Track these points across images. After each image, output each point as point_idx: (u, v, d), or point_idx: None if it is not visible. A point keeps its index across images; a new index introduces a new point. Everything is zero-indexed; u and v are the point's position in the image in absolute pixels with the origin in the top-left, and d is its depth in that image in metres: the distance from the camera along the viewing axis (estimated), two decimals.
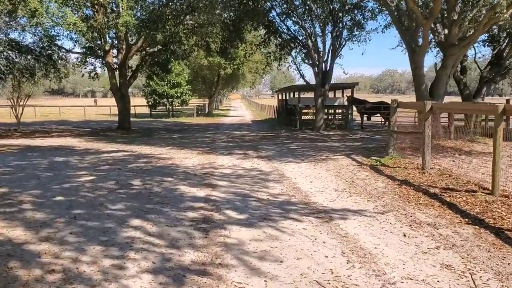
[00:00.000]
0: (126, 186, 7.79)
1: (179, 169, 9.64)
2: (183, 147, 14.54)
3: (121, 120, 24.47)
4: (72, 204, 6.42)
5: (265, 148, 14.42)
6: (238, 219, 5.64)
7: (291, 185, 7.83)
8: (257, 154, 12.55)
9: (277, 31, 22.72)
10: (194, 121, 36.06)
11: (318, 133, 21.05)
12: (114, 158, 11.75)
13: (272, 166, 10.13)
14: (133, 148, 14.31)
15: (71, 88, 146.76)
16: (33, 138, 19.51)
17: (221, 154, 12.52)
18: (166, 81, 38.37)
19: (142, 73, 29.33)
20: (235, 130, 25.17)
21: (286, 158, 11.51)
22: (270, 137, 19.26)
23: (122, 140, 18.17)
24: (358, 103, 24.25)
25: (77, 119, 37.75)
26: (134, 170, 9.61)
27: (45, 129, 26.07)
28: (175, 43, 25.03)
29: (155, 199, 6.78)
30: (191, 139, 18.75)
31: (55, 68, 25.90)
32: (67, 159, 11.79)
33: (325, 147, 14.20)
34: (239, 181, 8.23)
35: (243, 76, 48.83)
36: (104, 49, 23.46)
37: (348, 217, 5.76)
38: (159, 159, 11.39)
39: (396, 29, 15.87)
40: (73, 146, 15.53)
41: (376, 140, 16.94)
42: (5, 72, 25.90)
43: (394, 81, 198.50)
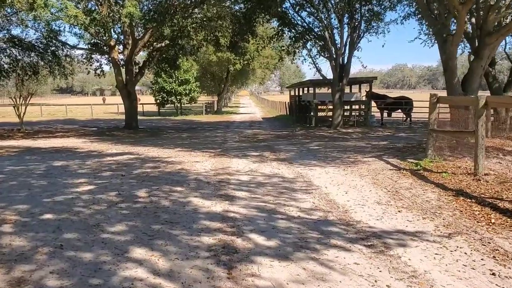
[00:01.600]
0: (129, 198, 6.62)
1: (190, 176, 8.46)
2: (193, 149, 13.37)
3: (128, 119, 23.37)
4: (61, 224, 5.26)
5: (283, 148, 13.20)
6: (267, 247, 4.44)
7: (323, 196, 6.60)
8: (275, 156, 11.33)
9: (291, 23, 21.43)
10: (203, 119, 34.92)
11: (336, 131, 19.78)
12: (118, 162, 10.61)
13: (295, 171, 8.91)
14: (140, 150, 13.16)
15: (80, 86, 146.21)
16: (35, 139, 18.48)
17: (235, 157, 11.33)
18: (174, 78, 37.24)
19: (149, 69, 28.22)
20: (247, 129, 23.99)
21: (308, 161, 10.28)
22: (285, 136, 18.05)
23: (128, 141, 17.06)
24: (377, 98, 22.92)
25: (84, 117, 36.80)
26: (139, 177, 8.44)
27: (50, 128, 25.08)
28: (184, 37, 23.86)
29: (163, 216, 5.60)
30: (201, 139, 17.60)
31: (59, 65, 24.92)
32: (67, 163, 10.67)
33: (350, 147, 12.94)
34: (260, 191, 7.03)
35: (253, 71, 47.55)
36: (109, 45, 22.35)
37: (407, 243, 4.53)
38: (167, 163, 10.21)
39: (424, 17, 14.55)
40: (76, 148, 14.44)
41: (402, 138, 15.64)
42: (8, 70, 25.01)
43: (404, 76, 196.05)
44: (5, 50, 24.49)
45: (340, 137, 16.83)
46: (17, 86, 25.22)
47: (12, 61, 24.61)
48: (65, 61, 25.55)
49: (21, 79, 24.84)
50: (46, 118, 36.21)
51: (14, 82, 25.56)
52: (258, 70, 47.19)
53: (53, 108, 48.97)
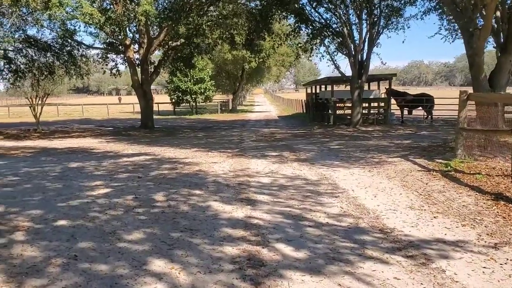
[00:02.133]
0: (146, 202, 6.32)
1: (208, 178, 8.14)
2: (210, 149, 13.07)
3: (143, 119, 23.19)
4: (76, 232, 4.97)
5: (302, 148, 12.82)
6: (296, 258, 4.08)
7: (351, 200, 6.21)
8: (295, 156, 10.96)
9: (308, 20, 20.99)
10: (218, 118, 34.66)
11: (355, 129, 19.31)
12: (134, 163, 10.35)
13: (318, 172, 8.53)
14: (156, 150, 12.90)
15: (96, 86, 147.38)
16: (51, 139, 18.39)
17: (253, 157, 10.99)
18: (189, 77, 37.05)
19: (164, 69, 28.05)
20: (263, 127, 23.65)
21: (331, 161, 9.89)
22: (303, 135, 17.65)
23: (144, 141, 16.85)
24: (398, 95, 22.35)
25: (100, 117, 36.84)
26: (156, 179, 8.15)
27: (66, 128, 25.07)
28: (199, 36, 23.60)
29: (182, 222, 5.28)
30: (217, 138, 17.30)
31: (75, 65, 24.90)
32: (83, 164, 10.45)
33: (372, 147, 12.50)
34: (284, 194, 6.67)
35: (268, 69, 47.15)
36: (124, 44, 22.18)
37: (449, 254, 4.13)
38: (184, 164, 9.92)
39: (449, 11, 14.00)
40: (92, 148, 14.26)
41: (425, 136, 15.13)
42: (24, 70, 25.05)
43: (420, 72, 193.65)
44: (21, 51, 24.54)
45: (361, 135, 16.37)
46: (33, 86, 25.27)
47: (28, 61, 24.67)
48: (80, 61, 25.55)
49: (37, 79, 24.88)
50: (63, 118, 36.36)
51: (30, 82, 25.62)
52: (274, 68, 46.78)
53: (70, 108, 49.26)
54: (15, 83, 25.60)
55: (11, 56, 24.54)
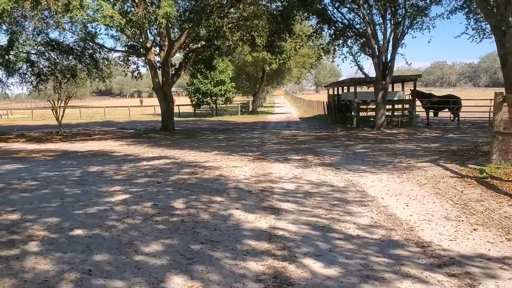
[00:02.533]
0: (165, 210, 6.06)
1: (229, 184, 7.84)
2: (230, 152, 12.79)
3: (164, 121, 23.12)
4: (92, 243, 4.72)
5: (326, 152, 12.44)
6: (326, 276, 3.74)
7: (381, 210, 5.83)
8: (319, 161, 10.60)
9: (331, 20, 20.57)
10: (238, 119, 34.44)
11: (380, 132, 18.81)
12: (154, 167, 10.14)
13: (345, 178, 8.16)
14: (176, 154, 12.69)
15: (118, 88, 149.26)
16: (73, 142, 18.42)
17: (275, 161, 10.66)
18: (210, 78, 36.97)
19: (185, 71, 27.95)
20: (284, 129, 23.31)
21: (357, 166, 9.49)
22: (326, 137, 17.25)
23: (165, 143, 16.70)
24: (423, 97, 21.72)
25: (122, 119, 37.02)
26: (176, 184, 7.90)
27: (88, 131, 25.16)
28: (219, 38, 23.42)
29: (203, 233, 4.99)
30: (238, 140, 17.04)
31: (97, 68, 25.02)
32: (102, 168, 10.29)
33: (399, 150, 12.04)
34: (309, 202, 6.33)
35: (289, 71, 46.75)
36: (145, 46, 22.15)
37: (497, 273, 3.74)
38: (204, 168, 9.65)
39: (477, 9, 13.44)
40: (112, 151, 14.14)
41: (454, 140, 14.58)
42: (46, 73, 25.25)
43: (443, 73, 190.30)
44: (43, 54, 24.75)
45: (386, 138, 15.89)
46: (55, 89, 25.47)
47: (51, 65, 24.86)
48: (102, 64, 25.65)
49: (60, 82, 25.06)
50: (85, 121, 36.66)
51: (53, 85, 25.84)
52: (294, 69, 46.36)
53: (92, 111, 49.73)
54: (38, 86, 25.88)
55: (33, 59, 24.80)
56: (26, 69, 24.86)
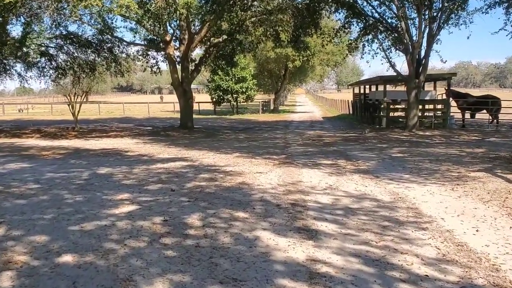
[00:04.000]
0: (177, 228, 4.99)
1: (254, 194, 6.73)
2: (253, 154, 11.69)
3: (183, 118, 22.14)
4: (80, 277, 3.67)
5: (359, 156, 11.23)
6: None
7: (446, 236, 4.64)
8: (353, 166, 9.42)
9: (361, 13, 19.25)
10: (260, 118, 33.31)
11: (412, 134, 17.47)
12: (168, 170, 9.10)
13: (389, 190, 6.97)
14: (194, 155, 11.65)
15: (139, 84, 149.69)
16: (88, 139, 17.59)
17: (304, 166, 9.52)
18: (231, 75, 35.91)
19: (205, 67, 26.96)
20: (308, 129, 22.11)
21: (399, 175, 8.28)
22: (355, 139, 16.01)
23: (182, 142, 15.71)
24: (459, 97, 20.24)
25: (141, 116, 36.33)
26: (192, 193, 6.83)
27: (105, 127, 24.40)
28: (242, 32, 22.34)
29: (223, 265, 3.90)
30: (260, 141, 15.93)
31: (116, 62, 24.28)
32: (112, 170, 9.32)
33: (441, 156, 10.75)
34: (353, 222, 5.17)
35: (312, 68, 45.33)
36: (164, 40, 21.20)
37: None
38: (225, 174, 8.56)
39: None
40: (126, 151, 13.20)
41: (498, 144, 13.21)
42: (65, 68, 24.62)
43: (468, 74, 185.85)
44: (62, 47, 24.11)
45: (421, 141, 14.58)
46: (73, 83, 24.87)
47: (70, 58, 24.24)
48: (121, 58, 24.89)
49: (78, 77, 24.44)
50: (104, 116, 36.09)
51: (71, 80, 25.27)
52: (318, 67, 44.94)
53: (112, 106, 49.32)
54: (57, 80, 25.30)
55: (52, 53, 24.20)
56: (45, 62, 24.37)
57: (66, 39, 23.23)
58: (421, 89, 19.17)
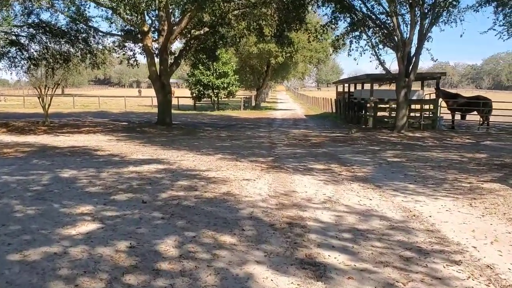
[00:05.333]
0: (146, 260, 3.93)
1: (241, 209, 5.69)
2: (237, 156, 10.66)
3: (161, 114, 20.90)
4: None
5: (352, 159, 10.30)
6: None
7: (489, 276, 3.69)
8: (349, 173, 8.46)
9: (350, 8, 18.32)
10: (241, 115, 32.25)
11: (402, 135, 16.69)
12: (141, 175, 7.98)
13: (396, 204, 6.01)
14: (171, 156, 10.54)
15: (117, 78, 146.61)
16: (57, 134, 16.28)
17: (295, 171, 8.53)
18: (212, 70, 34.71)
19: (186, 60, 25.74)
20: (292, 128, 21.20)
21: (402, 184, 7.35)
22: (343, 140, 15.14)
23: (159, 140, 14.58)
24: (449, 97, 19.56)
25: (117, 110, 34.86)
26: (167, 206, 5.76)
27: (78, 122, 23.01)
28: (224, 25, 21.23)
29: None
30: (244, 140, 14.91)
31: (91, 53, 22.92)
32: (77, 173, 8.17)
33: (442, 161, 9.89)
34: (366, 252, 4.18)
35: (295, 65, 44.41)
36: (142, 30, 19.93)
37: None
38: (207, 181, 7.48)
39: None
40: (97, 149, 11.99)
41: (496, 148, 12.47)
42: (38, 58, 23.19)
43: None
44: (34, 37, 22.66)
45: (414, 144, 13.76)
46: (47, 75, 23.44)
47: (42, 49, 22.82)
48: (96, 49, 23.56)
49: (52, 68, 23.05)
50: (78, 110, 34.53)
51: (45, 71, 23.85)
52: (301, 64, 44.06)
53: (87, 100, 47.55)
54: (29, 71, 23.84)
55: (23, 43, 22.71)
56: (16, 52, 22.89)
57: (38, 28, 21.82)
58: (411, 88, 18.39)
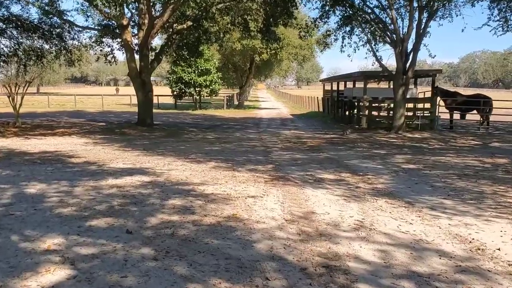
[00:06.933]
0: None
1: (256, 243, 4.43)
2: (232, 163, 9.40)
3: (141, 114, 19.46)
4: None
5: (361, 166, 9.15)
6: None
7: None
8: (366, 184, 7.29)
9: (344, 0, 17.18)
10: (225, 114, 30.93)
11: (400, 136, 15.69)
12: (124, 191, 6.65)
13: (446, 230, 4.83)
14: (157, 164, 9.21)
15: (94, 76, 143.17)
16: (29, 137, 14.78)
17: (304, 183, 7.31)
18: (194, 67, 33.23)
19: (167, 56, 24.31)
20: (281, 128, 20.05)
21: (436, 199, 6.20)
22: (340, 141, 14.06)
23: (141, 143, 13.23)
24: (447, 96, 18.64)
25: (94, 109, 33.13)
26: (160, 239, 4.47)
27: (52, 122, 21.40)
28: (208, 19, 19.94)
29: None
30: (234, 142, 13.67)
31: (66, 50, 21.38)
32: (46, 188, 6.82)
33: (465, 169, 8.79)
34: None
35: (279, 63, 43.18)
36: (121, 24, 18.48)
37: None
38: (205, 199, 6.19)
39: None
40: (71, 155, 10.57)
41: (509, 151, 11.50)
42: (8, 54, 21.54)
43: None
44: (4, 32, 20.97)
45: (419, 146, 12.72)
46: (18, 72, 21.81)
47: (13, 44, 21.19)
48: (72, 46, 22.05)
49: (24, 65, 21.44)
50: (53, 109, 32.69)
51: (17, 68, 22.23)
52: (284, 62, 42.87)
53: (63, 98, 45.54)
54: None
55: None
56: None
57: (8, 22, 20.20)
58: (408, 87, 17.41)
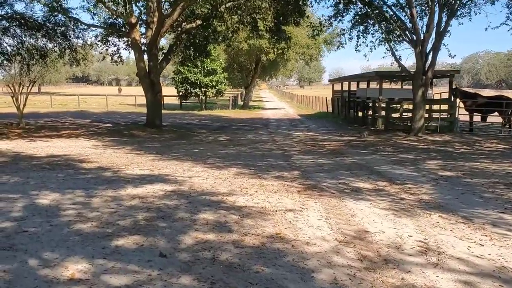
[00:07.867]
0: None
1: (315, 273, 3.80)
2: (254, 169, 8.80)
3: (150, 115, 18.86)
4: None
5: (395, 173, 8.53)
6: None
7: None
8: (409, 195, 6.66)
9: None
10: (231, 115, 30.31)
11: (421, 139, 15.09)
12: (147, 202, 6.03)
13: None
14: (176, 170, 8.58)
15: (96, 75, 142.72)
16: (34, 139, 14.22)
17: (341, 193, 6.69)
18: (200, 67, 32.62)
19: (174, 56, 23.71)
20: (292, 130, 19.50)
21: (492, 213, 5.58)
22: (361, 145, 13.47)
23: (153, 146, 12.65)
24: (467, 97, 18.02)
25: (98, 110, 32.57)
26: (200, 265, 3.86)
27: (57, 123, 20.85)
28: (217, 18, 19.37)
29: None
30: (248, 145, 13.09)
31: (70, 48, 20.80)
32: (61, 199, 6.21)
33: (508, 176, 8.20)
34: None
35: (285, 63, 42.52)
36: (129, 22, 17.87)
37: None
38: (239, 213, 5.55)
39: None
40: (82, 159, 9.98)
41: None
42: (11, 53, 20.98)
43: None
44: (8, 30, 20.43)
45: (446, 150, 12.10)
46: (21, 71, 21.23)
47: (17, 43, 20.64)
48: (76, 44, 21.47)
49: (27, 64, 20.88)
50: (57, 109, 32.12)
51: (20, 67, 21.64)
52: (292, 61, 42.19)
53: (66, 98, 44.97)
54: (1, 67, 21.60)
55: None
56: None
57: (12, 20, 19.66)
58: (428, 87, 16.80)
